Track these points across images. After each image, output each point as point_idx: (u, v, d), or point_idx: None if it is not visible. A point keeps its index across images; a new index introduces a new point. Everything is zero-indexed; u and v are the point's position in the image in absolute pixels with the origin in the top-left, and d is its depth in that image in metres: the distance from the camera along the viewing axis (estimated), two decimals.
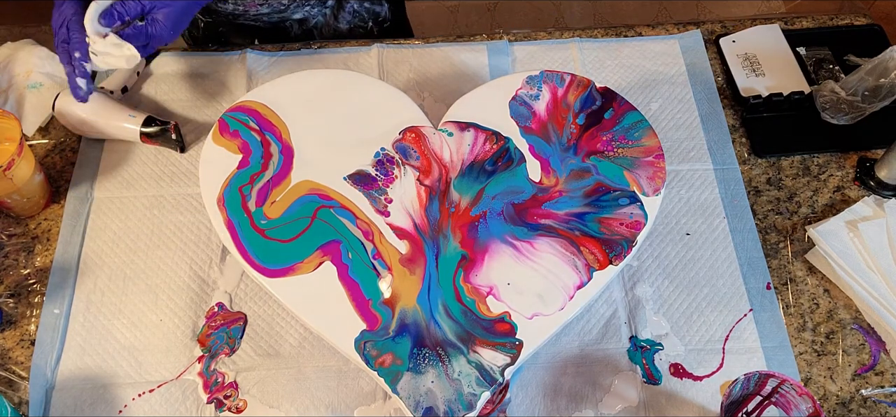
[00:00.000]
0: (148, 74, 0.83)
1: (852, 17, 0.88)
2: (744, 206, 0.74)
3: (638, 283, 0.69)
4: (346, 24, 0.96)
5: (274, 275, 0.61)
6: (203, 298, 0.68)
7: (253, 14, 0.89)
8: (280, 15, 0.90)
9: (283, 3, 0.88)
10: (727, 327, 0.67)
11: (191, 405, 0.63)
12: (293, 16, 0.92)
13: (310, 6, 0.91)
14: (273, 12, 0.89)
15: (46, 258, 0.70)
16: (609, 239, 0.63)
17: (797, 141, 0.79)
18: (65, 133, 0.79)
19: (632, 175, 0.66)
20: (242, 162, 0.67)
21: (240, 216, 0.64)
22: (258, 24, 0.92)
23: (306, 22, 0.94)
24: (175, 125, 0.75)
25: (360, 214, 0.64)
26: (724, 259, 0.71)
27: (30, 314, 0.67)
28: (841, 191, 0.76)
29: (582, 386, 0.64)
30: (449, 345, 0.59)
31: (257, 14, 0.89)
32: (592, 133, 0.69)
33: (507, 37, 0.87)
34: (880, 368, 0.65)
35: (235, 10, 0.88)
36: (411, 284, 0.61)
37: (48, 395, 0.63)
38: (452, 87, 0.82)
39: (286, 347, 0.66)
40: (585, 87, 0.72)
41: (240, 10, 0.88)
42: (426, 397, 0.57)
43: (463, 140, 0.69)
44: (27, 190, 0.70)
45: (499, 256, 0.63)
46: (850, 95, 0.76)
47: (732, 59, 0.84)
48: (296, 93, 0.72)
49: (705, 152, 0.78)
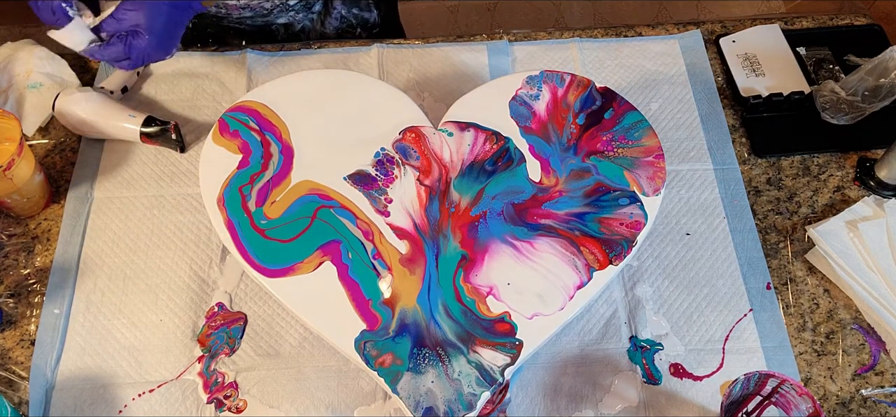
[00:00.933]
0: (148, 74, 0.83)
1: (852, 17, 0.88)
2: (744, 206, 0.74)
3: (638, 283, 0.69)
4: (332, 29, 0.95)
5: (274, 275, 0.61)
6: (203, 298, 0.68)
7: (235, 17, 0.89)
8: (264, 19, 0.90)
9: (265, 7, 0.88)
10: (727, 327, 0.67)
11: (191, 405, 0.63)
12: (277, 20, 0.91)
13: (294, 11, 0.91)
14: (256, 16, 0.89)
15: (46, 258, 0.70)
16: (609, 239, 0.63)
17: (797, 141, 0.79)
18: (65, 133, 0.79)
19: (632, 175, 0.66)
20: (242, 162, 0.67)
21: (240, 216, 0.64)
22: (242, 27, 0.91)
23: (291, 26, 0.93)
24: (175, 125, 0.75)
25: (360, 214, 0.64)
26: (724, 259, 0.71)
27: (30, 314, 0.67)
28: (841, 191, 0.76)
29: (582, 386, 0.64)
30: (449, 345, 0.59)
31: (240, 17, 0.89)
32: (592, 133, 0.69)
33: (507, 37, 0.87)
34: (880, 368, 0.65)
35: (218, 12, 0.87)
36: (411, 284, 0.61)
37: (48, 395, 0.63)
38: (452, 87, 0.82)
39: (286, 347, 0.66)
40: (585, 87, 0.72)
41: (222, 13, 0.87)
42: (426, 397, 0.57)
43: (463, 140, 0.69)
44: (27, 190, 0.70)
45: (499, 256, 0.63)
46: (850, 95, 0.76)
47: (732, 59, 0.84)
48: (296, 93, 0.72)
49: (705, 152, 0.78)
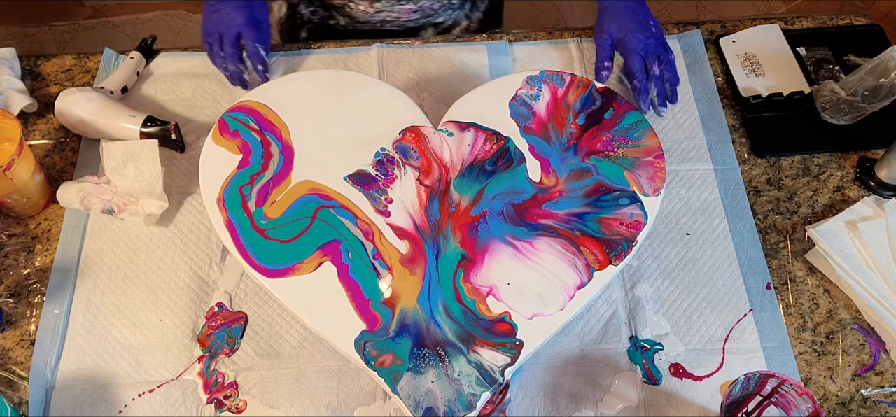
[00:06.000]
0: (148, 74, 0.83)
1: (852, 17, 0.88)
2: (744, 206, 0.74)
3: (638, 283, 0.69)
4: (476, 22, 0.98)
5: (274, 275, 0.61)
6: (203, 298, 0.68)
7: (403, 20, 0.92)
8: (427, 19, 0.93)
9: (434, 7, 0.91)
10: (727, 327, 0.67)
11: (191, 405, 0.63)
12: (437, 19, 0.94)
13: (453, 8, 0.93)
14: (421, 17, 0.92)
15: (46, 258, 0.70)
16: (609, 239, 0.63)
17: (797, 141, 0.79)
18: (65, 133, 0.79)
19: (632, 175, 0.66)
20: (242, 162, 0.67)
21: (240, 216, 0.64)
22: (392, 28, 0.94)
23: (442, 23, 0.96)
24: (175, 125, 0.75)
25: (361, 214, 0.64)
26: (724, 259, 0.71)
27: (30, 314, 0.67)
28: (841, 191, 0.76)
29: (582, 386, 0.64)
30: (449, 345, 0.59)
31: (407, 20, 0.92)
32: (592, 133, 0.69)
33: (507, 37, 0.87)
34: (880, 368, 0.65)
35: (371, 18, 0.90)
36: (411, 284, 0.61)
37: (48, 395, 0.63)
38: (452, 87, 0.82)
39: (286, 347, 0.66)
40: (585, 87, 0.72)
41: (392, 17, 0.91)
42: (426, 397, 0.57)
43: (463, 140, 0.69)
44: (27, 190, 0.70)
45: (499, 256, 0.63)
46: (850, 95, 0.76)
47: (732, 59, 0.84)
48: (296, 93, 0.72)
49: (705, 152, 0.78)
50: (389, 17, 0.91)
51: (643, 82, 0.77)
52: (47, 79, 0.84)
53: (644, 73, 0.78)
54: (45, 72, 0.84)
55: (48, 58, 0.85)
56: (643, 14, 0.79)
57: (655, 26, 0.79)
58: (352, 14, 0.92)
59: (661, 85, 0.78)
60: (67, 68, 0.84)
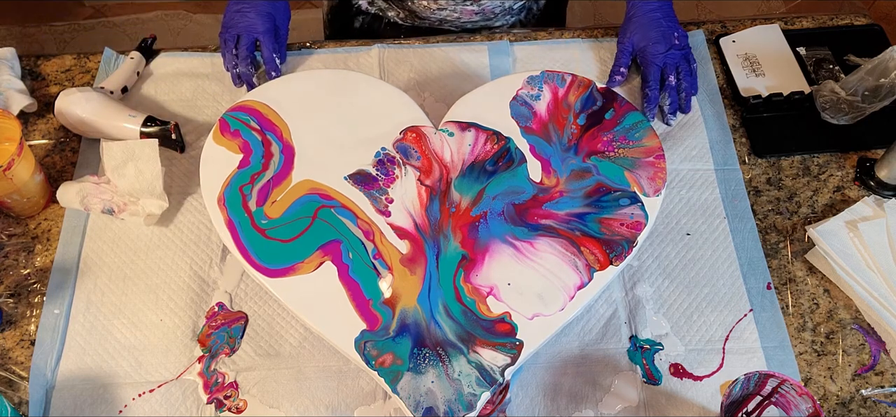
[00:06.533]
0: (148, 74, 0.83)
1: (852, 17, 0.88)
2: (744, 206, 0.74)
3: (638, 283, 0.69)
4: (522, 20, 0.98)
5: (274, 275, 0.61)
6: (203, 298, 0.68)
7: (462, 21, 0.92)
8: (487, 21, 0.93)
9: (495, 10, 0.91)
10: (727, 327, 0.67)
11: (191, 405, 0.63)
12: (497, 23, 0.94)
13: (511, 13, 0.93)
14: (480, 20, 0.92)
15: (46, 258, 0.70)
16: (609, 239, 0.63)
17: (797, 141, 0.79)
18: (65, 133, 0.79)
19: (632, 175, 0.66)
20: (243, 161, 0.67)
21: (240, 215, 0.64)
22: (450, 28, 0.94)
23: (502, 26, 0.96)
24: (175, 125, 0.75)
25: (361, 214, 0.64)
26: (725, 259, 0.71)
27: (30, 314, 0.67)
28: (841, 191, 0.76)
29: (582, 386, 0.64)
30: (449, 345, 0.59)
31: (465, 21, 0.92)
32: (593, 133, 0.69)
33: (507, 37, 0.87)
34: (880, 368, 0.65)
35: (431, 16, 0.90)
36: (412, 284, 0.61)
37: (48, 395, 0.63)
38: (453, 87, 0.82)
39: (286, 347, 0.66)
40: (586, 88, 0.72)
41: (452, 17, 0.90)
42: (426, 397, 0.57)
43: (463, 140, 0.69)
44: (27, 190, 0.70)
45: (499, 256, 0.63)
46: (850, 95, 0.76)
47: (732, 59, 0.84)
48: (297, 92, 0.72)
49: (706, 152, 0.78)
50: (450, 16, 0.90)
51: (654, 92, 0.77)
52: (47, 79, 0.84)
53: (658, 85, 0.78)
54: (45, 72, 0.84)
55: (48, 58, 0.85)
56: (668, 24, 0.78)
57: (680, 37, 0.78)
58: (413, 8, 0.91)
59: (675, 95, 0.78)
60: (67, 68, 0.84)
